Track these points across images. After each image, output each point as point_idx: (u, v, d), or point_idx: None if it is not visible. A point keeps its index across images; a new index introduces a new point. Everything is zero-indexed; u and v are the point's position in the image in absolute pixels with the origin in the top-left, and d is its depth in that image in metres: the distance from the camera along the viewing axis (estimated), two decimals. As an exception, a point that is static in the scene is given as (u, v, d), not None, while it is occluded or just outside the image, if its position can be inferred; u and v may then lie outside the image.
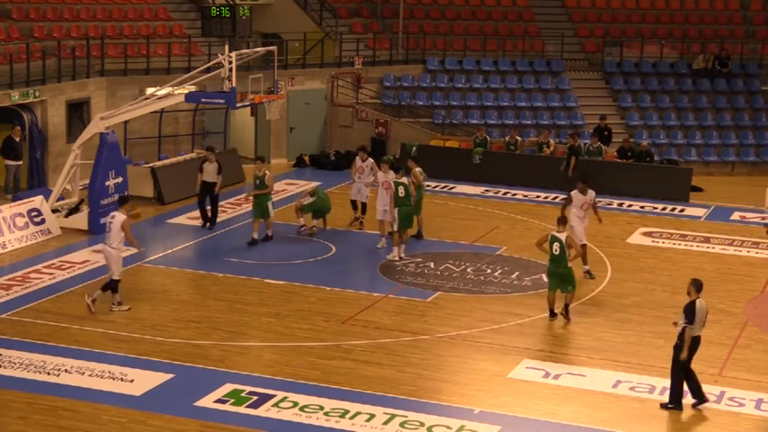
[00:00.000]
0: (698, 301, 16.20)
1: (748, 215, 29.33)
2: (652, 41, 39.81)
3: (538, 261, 23.99)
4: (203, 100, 26.97)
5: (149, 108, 26.59)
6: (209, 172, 25.81)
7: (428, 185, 31.15)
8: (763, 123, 37.36)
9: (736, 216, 29.28)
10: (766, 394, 16.91)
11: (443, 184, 31.69)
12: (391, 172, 24.07)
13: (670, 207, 29.91)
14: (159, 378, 16.74)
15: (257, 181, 24.71)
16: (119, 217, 19.62)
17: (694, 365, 17.99)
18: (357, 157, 26.85)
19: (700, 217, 29.13)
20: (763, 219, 28.91)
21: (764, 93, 38.21)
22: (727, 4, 42.00)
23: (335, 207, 26.53)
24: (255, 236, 24.74)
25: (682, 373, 16.22)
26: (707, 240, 26.49)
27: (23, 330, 18.64)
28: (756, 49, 39.81)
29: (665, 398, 16.63)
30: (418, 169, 25.34)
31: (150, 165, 29.11)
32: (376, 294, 21.37)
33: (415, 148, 32.80)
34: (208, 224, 26.10)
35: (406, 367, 17.60)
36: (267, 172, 24.79)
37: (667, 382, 17.06)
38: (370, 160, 26.68)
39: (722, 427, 15.81)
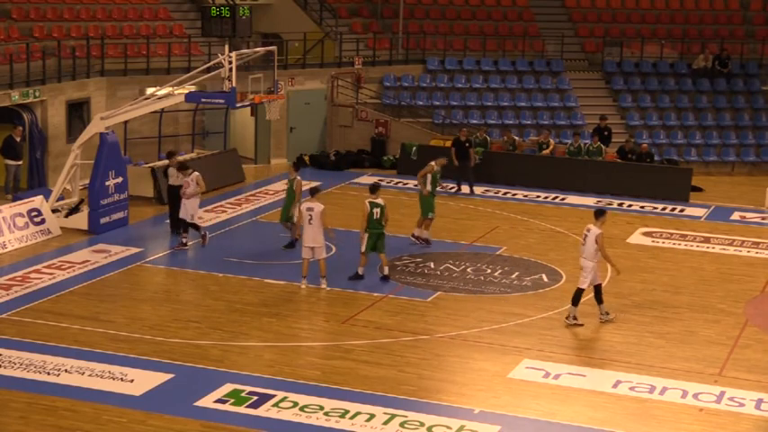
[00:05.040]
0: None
1: (748, 215, 29.31)
2: (652, 41, 39.78)
3: (538, 261, 24.02)
4: (203, 100, 26.93)
5: (149, 108, 26.57)
6: (173, 175, 24.73)
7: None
8: (763, 123, 37.32)
9: (736, 216, 29.25)
10: (766, 394, 16.88)
11: (444, 184, 31.58)
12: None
13: (670, 207, 29.89)
14: (159, 378, 16.72)
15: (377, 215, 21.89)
16: (593, 230, 19.49)
17: (693, 365, 18.04)
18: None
19: (700, 217, 29.11)
20: (764, 219, 28.92)
21: (764, 93, 38.19)
22: (727, 4, 41.98)
23: (334, 207, 26.48)
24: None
25: None
26: (707, 240, 26.47)
27: (23, 330, 18.63)
28: (756, 49, 39.77)
29: (666, 398, 16.63)
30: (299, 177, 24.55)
31: (150, 165, 29.11)
32: (376, 294, 21.34)
33: (414, 149, 32.82)
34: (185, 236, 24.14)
35: (406, 367, 17.59)
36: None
37: (667, 382, 17.07)
38: (196, 174, 24.05)
39: (722, 427, 15.79)
